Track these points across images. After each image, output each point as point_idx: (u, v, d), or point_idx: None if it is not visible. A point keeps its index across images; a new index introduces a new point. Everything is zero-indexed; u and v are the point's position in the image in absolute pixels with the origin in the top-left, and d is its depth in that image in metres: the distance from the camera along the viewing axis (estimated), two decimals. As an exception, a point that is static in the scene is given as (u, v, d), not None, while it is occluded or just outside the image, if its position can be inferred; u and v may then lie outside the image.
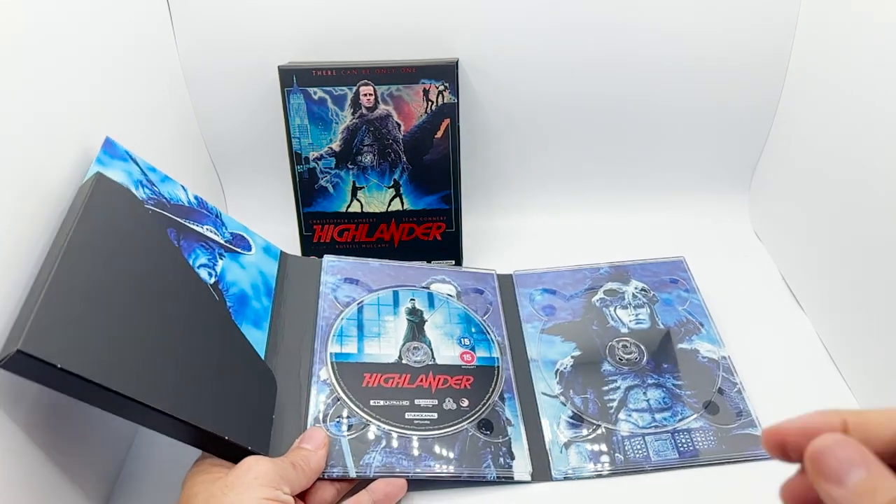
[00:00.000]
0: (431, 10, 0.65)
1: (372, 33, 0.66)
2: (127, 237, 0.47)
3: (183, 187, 0.56)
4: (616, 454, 0.52)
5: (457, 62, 0.66)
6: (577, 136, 0.73)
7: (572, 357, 0.59)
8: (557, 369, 0.58)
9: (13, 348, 0.35)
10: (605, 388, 0.56)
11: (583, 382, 0.57)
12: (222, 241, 0.56)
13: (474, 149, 0.72)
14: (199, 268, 0.52)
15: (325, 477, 0.48)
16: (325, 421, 0.51)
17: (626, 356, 0.58)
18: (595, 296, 0.64)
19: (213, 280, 0.53)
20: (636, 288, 0.64)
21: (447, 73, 0.65)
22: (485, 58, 0.68)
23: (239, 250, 0.57)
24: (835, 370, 0.59)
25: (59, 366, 0.36)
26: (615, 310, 0.62)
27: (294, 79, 0.65)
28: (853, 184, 0.56)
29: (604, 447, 0.52)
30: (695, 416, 0.54)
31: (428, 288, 0.63)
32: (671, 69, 0.69)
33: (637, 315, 0.62)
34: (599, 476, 0.51)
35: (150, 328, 0.45)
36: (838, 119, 0.58)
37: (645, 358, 0.58)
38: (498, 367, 0.58)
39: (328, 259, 0.63)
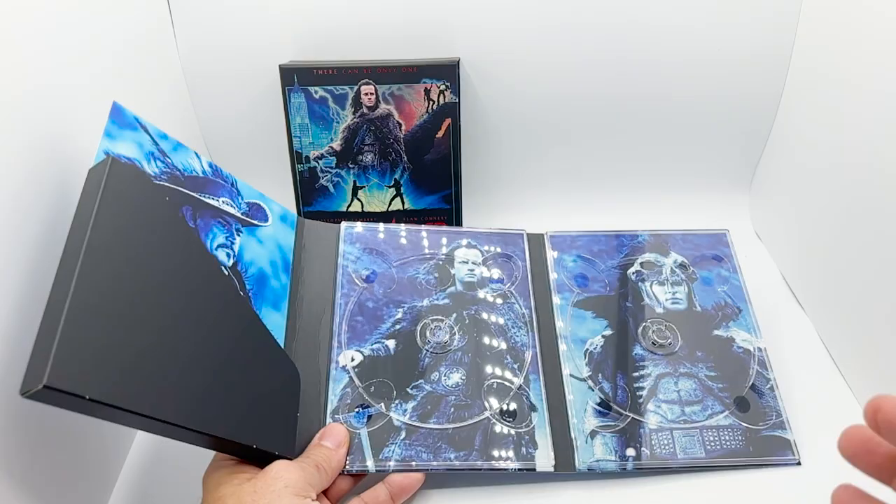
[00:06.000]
0: (433, 9, 0.65)
1: (373, 32, 0.66)
2: (145, 233, 0.42)
3: (196, 154, 0.51)
4: (642, 448, 0.51)
5: (458, 62, 0.65)
6: (578, 135, 0.72)
7: (603, 336, 0.56)
8: (587, 349, 0.55)
9: (38, 384, 0.32)
10: (636, 373, 0.54)
11: (613, 366, 0.54)
12: (239, 215, 0.52)
13: (475, 148, 0.72)
14: (217, 249, 0.48)
15: (346, 472, 0.47)
16: (344, 412, 0.49)
17: (660, 340, 0.55)
18: (631, 267, 0.59)
19: (231, 262, 0.49)
20: (675, 262, 0.60)
21: (448, 72, 0.64)
22: (486, 57, 0.67)
23: (256, 222, 0.53)
24: (836, 370, 0.58)
25: (87, 397, 0.34)
26: (651, 285, 0.59)
27: (295, 78, 0.65)
28: (854, 184, 0.55)
29: (630, 439, 0.51)
30: (725, 413, 0.52)
31: (451, 255, 0.58)
32: (672, 69, 0.68)
33: (674, 294, 0.58)
34: (624, 471, 0.50)
35: (176, 337, 0.41)
36: (839, 119, 0.57)
37: (679, 343, 0.55)
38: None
39: (346, 226, 0.59)
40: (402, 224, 0.61)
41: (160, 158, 0.48)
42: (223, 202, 0.51)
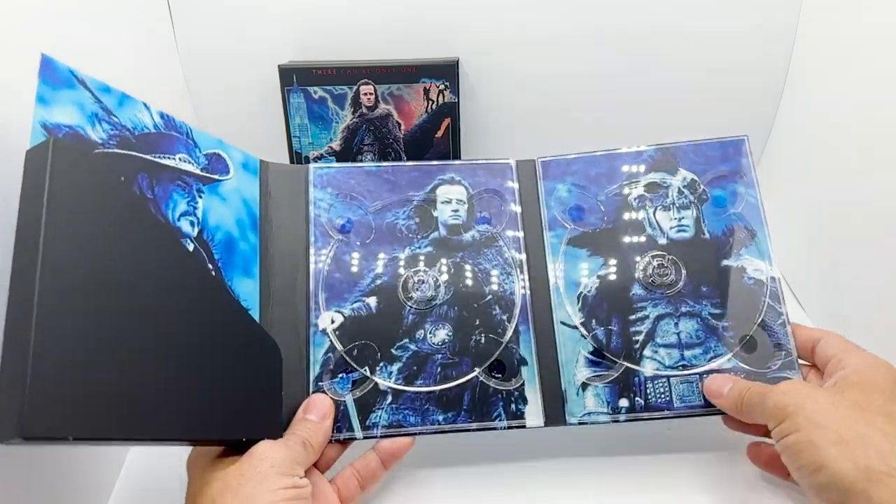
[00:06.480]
0: (432, 9, 0.65)
1: (372, 32, 0.66)
2: (104, 227, 0.37)
3: (145, 105, 0.45)
4: (636, 398, 0.49)
5: (457, 61, 0.65)
6: (579, 135, 0.71)
7: (598, 277, 0.52)
8: (580, 293, 0.51)
9: (14, 435, 0.30)
10: (633, 316, 0.51)
11: (608, 309, 0.51)
12: (198, 172, 0.47)
13: (475, 148, 0.72)
14: (179, 218, 0.45)
15: (333, 441, 0.48)
16: (327, 378, 0.48)
17: (661, 279, 0.51)
18: (633, 191, 0.53)
19: (196, 231, 0.46)
20: (683, 181, 0.53)
21: (448, 72, 0.65)
22: (486, 57, 0.68)
23: (217, 177, 0.49)
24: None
25: (71, 438, 0.32)
26: (655, 212, 0.53)
27: (294, 78, 0.65)
28: (854, 184, 0.56)
29: (624, 389, 0.49)
30: (728, 355, 0.49)
31: (433, 195, 0.53)
32: (672, 69, 0.69)
33: (680, 220, 0.52)
34: (616, 422, 0.49)
35: (152, 345, 0.38)
36: (840, 118, 0.58)
37: (682, 280, 0.51)
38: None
39: (315, 168, 0.53)
40: (377, 163, 0.55)
41: (105, 119, 0.42)
42: (180, 159, 0.46)
